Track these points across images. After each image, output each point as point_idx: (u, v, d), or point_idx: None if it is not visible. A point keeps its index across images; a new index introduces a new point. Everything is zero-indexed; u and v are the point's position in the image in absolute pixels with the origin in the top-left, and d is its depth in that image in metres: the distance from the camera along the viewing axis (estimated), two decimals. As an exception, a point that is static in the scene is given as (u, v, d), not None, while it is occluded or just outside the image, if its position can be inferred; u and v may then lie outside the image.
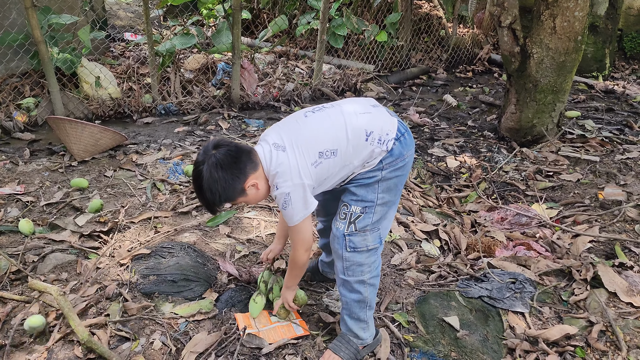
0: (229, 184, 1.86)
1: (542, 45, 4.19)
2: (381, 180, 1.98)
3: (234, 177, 1.86)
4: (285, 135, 1.93)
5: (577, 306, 2.56)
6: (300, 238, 2.00)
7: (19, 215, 3.02)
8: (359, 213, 2.00)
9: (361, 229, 2.01)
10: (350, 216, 2.00)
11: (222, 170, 1.84)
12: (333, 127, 1.94)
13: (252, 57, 5.68)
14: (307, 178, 1.88)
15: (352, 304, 2.11)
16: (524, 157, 4.36)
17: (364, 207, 2.00)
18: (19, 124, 4.23)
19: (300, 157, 1.88)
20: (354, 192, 2.00)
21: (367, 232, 2.02)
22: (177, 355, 2.14)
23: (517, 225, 3.34)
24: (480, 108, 5.72)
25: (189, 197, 3.30)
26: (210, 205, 1.93)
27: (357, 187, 2.00)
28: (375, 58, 6.56)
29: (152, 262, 2.61)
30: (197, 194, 1.93)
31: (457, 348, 2.28)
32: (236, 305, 2.43)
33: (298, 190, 1.88)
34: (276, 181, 1.89)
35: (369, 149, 1.94)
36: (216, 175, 1.83)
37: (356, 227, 2.01)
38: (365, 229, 2.01)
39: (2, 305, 2.32)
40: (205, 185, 1.85)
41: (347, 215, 2.01)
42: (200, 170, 1.85)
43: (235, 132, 4.51)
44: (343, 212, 2.02)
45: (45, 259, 2.65)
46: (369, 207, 2.00)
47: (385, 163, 1.97)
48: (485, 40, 7.79)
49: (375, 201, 2.00)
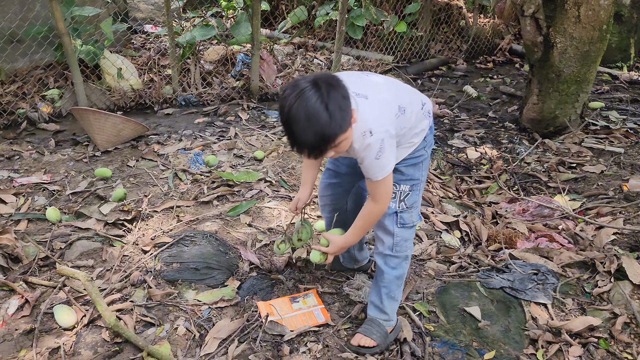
0: (346, 108, 1.60)
1: (566, 35, 4.12)
2: (425, 159, 2.09)
3: (347, 101, 1.62)
4: (360, 87, 1.79)
5: (601, 298, 2.54)
6: (386, 191, 1.91)
7: (46, 204, 3.09)
8: (407, 191, 2.06)
9: (410, 206, 2.08)
10: (400, 195, 2.05)
11: (334, 92, 1.58)
12: (400, 86, 1.99)
13: (271, 49, 5.69)
14: (393, 128, 1.81)
15: (393, 282, 2.15)
16: (546, 148, 4.32)
17: (412, 185, 2.07)
18: (44, 115, 4.30)
19: (385, 107, 1.81)
20: (403, 172, 2.04)
21: (413, 208, 2.10)
22: (201, 340, 2.17)
23: (539, 217, 3.31)
24: (501, 99, 5.66)
25: (210, 187, 3.33)
26: (322, 138, 1.59)
27: (407, 167, 2.05)
28: (394, 49, 6.53)
29: (175, 250, 2.65)
30: (303, 127, 1.57)
31: (479, 338, 2.28)
32: (258, 293, 2.46)
33: (390, 138, 1.79)
34: (370, 126, 1.72)
35: (424, 121, 2.02)
36: (333, 95, 1.56)
37: (406, 204, 2.07)
38: (413, 205, 2.10)
39: (31, 290, 2.37)
40: (318, 111, 1.54)
41: (396, 195, 2.05)
42: (308, 96, 1.54)
43: (254, 123, 4.53)
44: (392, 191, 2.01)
45: (72, 246, 2.71)
46: (416, 184, 2.08)
47: (427, 141, 2.05)
48: (506, 30, 7.69)
49: (420, 179, 2.09)
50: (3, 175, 3.37)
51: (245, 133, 4.24)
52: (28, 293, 2.33)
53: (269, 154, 3.86)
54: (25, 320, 2.22)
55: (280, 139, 4.13)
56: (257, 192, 3.31)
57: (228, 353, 2.09)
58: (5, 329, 2.17)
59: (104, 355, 2.07)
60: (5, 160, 3.58)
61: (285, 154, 3.86)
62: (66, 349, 2.08)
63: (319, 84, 1.57)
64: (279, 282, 2.55)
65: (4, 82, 4.51)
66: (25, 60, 4.63)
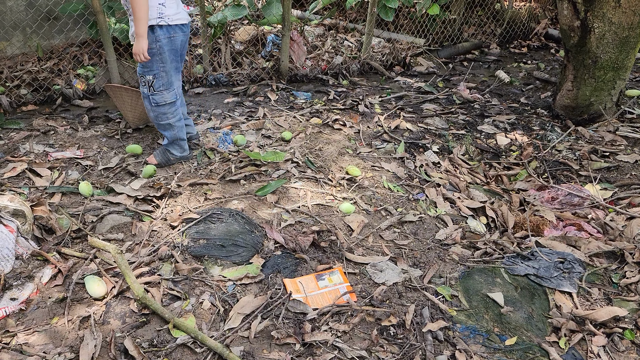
0: None
1: (605, 19, 3.99)
2: (158, 53, 3.02)
3: None
4: None
5: (628, 289, 2.50)
6: None
7: (79, 178, 3.18)
8: (152, 79, 3.11)
9: (157, 90, 3.12)
10: (148, 83, 3.11)
11: None
12: None
13: (301, 29, 5.67)
14: None
15: (167, 140, 3.34)
16: (578, 136, 4.22)
17: (154, 75, 3.08)
18: (78, 92, 4.40)
19: None
20: (145, 65, 3.07)
21: (162, 91, 3.14)
22: (225, 315, 2.23)
23: (568, 205, 3.26)
24: (534, 85, 5.54)
25: (237, 166, 3.37)
26: None
27: (147, 62, 3.07)
28: (426, 32, 6.42)
29: (202, 227, 2.70)
30: None
31: (501, 324, 2.28)
32: (282, 271, 2.50)
33: None
34: None
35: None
36: None
37: (154, 89, 3.11)
38: (160, 89, 3.12)
39: (64, 261, 2.46)
40: None
41: (145, 83, 3.12)
42: None
43: (283, 104, 4.55)
44: None
45: (103, 219, 2.79)
46: (157, 74, 3.08)
47: (155, 35, 2.97)
48: (542, 14, 7.47)
49: (159, 69, 3.09)
50: (39, 149, 3.48)
51: (274, 114, 4.26)
52: (61, 263, 2.42)
53: (297, 135, 3.87)
54: (58, 289, 2.31)
55: (308, 120, 4.14)
56: (283, 172, 3.34)
57: (251, 328, 2.14)
58: (39, 297, 2.26)
59: (132, 326, 2.14)
60: (41, 135, 3.68)
61: (312, 135, 3.88)
62: (96, 318, 2.16)
63: None
64: (303, 261, 2.58)
65: (41, 59, 4.62)
66: (61, 38, 4.73)
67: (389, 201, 3.18)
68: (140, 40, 2.81)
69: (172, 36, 2.99)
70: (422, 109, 4.60)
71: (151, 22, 2.85)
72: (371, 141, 3.91)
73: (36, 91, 4.30)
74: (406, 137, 4.01)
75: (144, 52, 2.84)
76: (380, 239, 2.83)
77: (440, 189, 3.36)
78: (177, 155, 3.36)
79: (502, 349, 2.15)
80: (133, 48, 2.85)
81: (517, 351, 2.14)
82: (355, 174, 3.37)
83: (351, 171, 3.38)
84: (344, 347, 2.09)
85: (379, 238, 2.83)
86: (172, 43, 3.02)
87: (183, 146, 3.38)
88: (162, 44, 2.96)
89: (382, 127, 4.11)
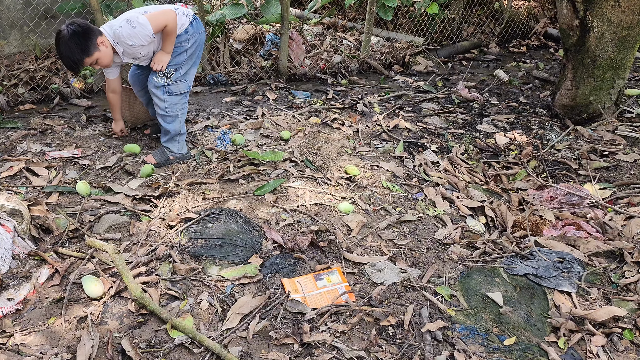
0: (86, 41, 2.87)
1: (604, 19, 3.99)
2: (187, 50, 3.28)
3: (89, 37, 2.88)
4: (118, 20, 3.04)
5: (627, 289, 2.49)
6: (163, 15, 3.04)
7: (77, 177, 3.17)
8: (172, 71, 3.24)
9: (175, 81, 3.28)
10: (167, 75, 3.23)
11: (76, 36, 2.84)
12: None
13: (300, 29, 5.66)
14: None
15: (170, 133, 3.40)
16: (578, 135, 4.21)
17: (175, 68, 3.25)
18: (76, 91, 4.38)
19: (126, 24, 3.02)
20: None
21: (179, 82, 3.30)
22: (223, 315, 2.22)
23: (567, 205, 3.25)
24: (533, 84, 5.53)
25: (235, 166, 3.36)
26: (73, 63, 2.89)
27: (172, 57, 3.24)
28: (425, 31, 6.42)
29: (200, 227, 2.69)
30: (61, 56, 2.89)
31: (500, 324, 2.27)
32: (280, 271, 2.49)
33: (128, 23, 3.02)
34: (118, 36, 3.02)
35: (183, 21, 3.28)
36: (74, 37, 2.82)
37: (171, 80, 3.26)
38: (177, 80, 3.29)
39: (61, 261, 2.45)
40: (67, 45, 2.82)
41: (165, 74, 3.22)
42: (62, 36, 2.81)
43: (282, 103, 4.54)
44: None
45: (100, 219, 2.78)
46: (178, 67, 3.26)
47: (189, 34, 3.26)
48: (541, 13, 7.46)
49: (182, 63, 3.29)
50: (36, 148, 3.47)
51: (272, 113, 4.25)
52: (58, 263, 2.41)
53: (295, 134, 3.87)
54: (55, 289, 2.30)
55: (307, 120, 4.14)
56: (282, 171, 3.33)
57: (249, 328, 2.13)
58: (36, 297, 2.25)
59: (130, 326, 2.13)
60: (38, 134, 3.67)
61: (311, 134, 3.87)
62: (93, 318, 2.15)
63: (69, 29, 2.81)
64: (301, 261, 2.57)
65: (39, 58, 4.61)
66: (58, 37, 4.70)
67: (388, 201, 3.17)
68: (167, 56, 3.16)
69: (202, 31, 3.29)
70: (421, 109, 4.59)
71: (184, 25, 3.17)
72: (370, 140, 3.90)
73: (33, 90, 4.28)
74: (405, 136, 4.00)
75: (164, 65, 3.15)
76: (379, 239, 2.82)
77: (439, 189, 3.35)
78: (176, 154, 3.38)
79: (501, 349, 2.14)
80: (156, 58, 3.15)
81: (516, 351, 2.13)
82: (354, 173, 3.36)
83: (350, 171, 3.37)
84: (343, 347, 2.09)
85: (377, 238, 2.83)
86: (202, 37, 3.30)
87: (182, 142, 3.40)
88: (196, 39, 3.25)
89: (381, 127, 4.10)
